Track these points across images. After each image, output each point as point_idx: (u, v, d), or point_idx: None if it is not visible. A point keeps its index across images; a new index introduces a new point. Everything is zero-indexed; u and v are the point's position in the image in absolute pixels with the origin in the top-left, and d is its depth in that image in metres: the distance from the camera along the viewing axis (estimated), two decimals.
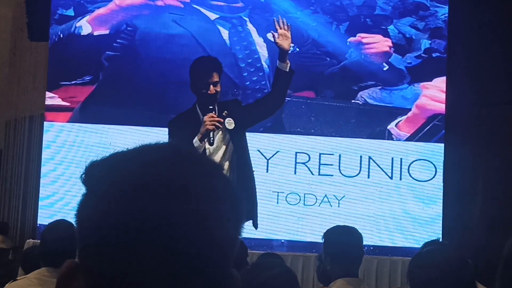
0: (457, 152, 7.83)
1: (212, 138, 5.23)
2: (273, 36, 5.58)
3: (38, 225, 7.87)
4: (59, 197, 7.85)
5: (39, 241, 4.39)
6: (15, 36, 8.39)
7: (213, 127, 5.21)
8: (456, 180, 7.80)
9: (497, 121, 7.88)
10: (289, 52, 5.57)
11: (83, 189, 1.00)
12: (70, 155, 7.92)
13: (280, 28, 5.56)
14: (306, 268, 5.67)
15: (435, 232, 7.58)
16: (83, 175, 1.01)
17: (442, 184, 7.79)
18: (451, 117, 7.92)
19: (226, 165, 5.46)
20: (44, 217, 7.62)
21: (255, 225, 5.58)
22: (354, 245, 3.90)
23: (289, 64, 5.55)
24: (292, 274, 2.84)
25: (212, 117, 5.24)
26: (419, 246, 4.20)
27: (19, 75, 8.39)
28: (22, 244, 7.42)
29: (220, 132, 5.42)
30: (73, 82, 8.08)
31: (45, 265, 3.89)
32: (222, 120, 5.29)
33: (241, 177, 5.47)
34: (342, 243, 3.84)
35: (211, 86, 5.27)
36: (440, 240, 5.34)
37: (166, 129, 5.56)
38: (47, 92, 8.07)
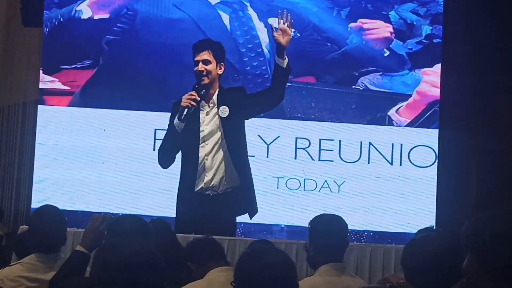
0: (452, 138, 7.81)
1: (183, 115, 5.31)
2: (273, 30, 5.51)
3: (31, 211, 7.87)
4: (52, 182, 7.87)
5: None
6: (9, 22, 8.35)
7: (188, 104, 5.29)
8: (450, 166, 7.79)
9: (493, 108, 7.87)
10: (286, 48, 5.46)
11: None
12: (67, 139, 7.91)
13: (283, 23, 5.48)
14: (300, 255, 5.67)
15: (433, 218, 7.59)
16: None
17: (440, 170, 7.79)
18: (446, 103, 7.89)
19: (220, 152, 5.48)
20: (38, 203, 7.60)
21: (252, 214, 5.61)
22: (339, 234, 3.94)
23: (286, 60, 5.45)
24: (290, 261, 2.83)
25: (191, 95, 5.32)
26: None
27: (13, 62, 8.35)
28: (16, 230, 7.41)
29: (217, 117, 5.45)
30: (73, 66, 8.07)
31: (35, 251, 3.98)
32: (198, 99, 5.34)
33: (238, 167, 5.49)
34: (327, 232, 3.88)
35: (200, 64, 5.39)
36: (434, 227, 5.38)
37: (166, 114, 5.61)
38: (46, 76, 8.05)
